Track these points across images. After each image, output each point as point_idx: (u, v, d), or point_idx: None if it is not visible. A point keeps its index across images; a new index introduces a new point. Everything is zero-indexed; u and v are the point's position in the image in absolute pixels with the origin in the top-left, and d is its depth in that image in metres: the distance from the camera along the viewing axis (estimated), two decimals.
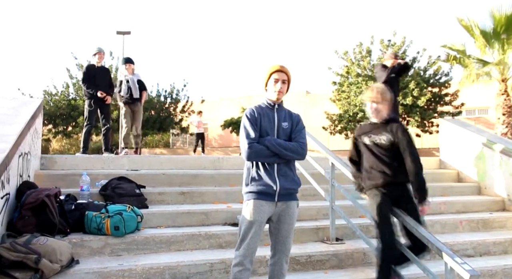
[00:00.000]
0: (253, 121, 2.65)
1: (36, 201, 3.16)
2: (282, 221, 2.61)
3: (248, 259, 2.51)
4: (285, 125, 2.70)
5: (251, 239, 2.51)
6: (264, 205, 2.56)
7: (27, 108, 4.48)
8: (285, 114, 2.76)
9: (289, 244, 2.63)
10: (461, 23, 12.74)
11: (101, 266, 2.93)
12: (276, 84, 2.68)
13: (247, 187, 2.63)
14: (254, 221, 2.52)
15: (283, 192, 2.58)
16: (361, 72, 17.11)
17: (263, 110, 2.72)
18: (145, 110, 20.43)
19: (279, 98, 2.72)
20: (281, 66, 2.71)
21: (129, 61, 7.12)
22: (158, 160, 5.36)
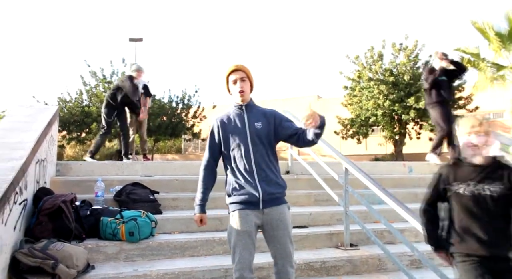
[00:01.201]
0: (213, 138, 2.63)
1: (52, 206, 3.21)
2: (275, 228, 2.48)
3: (247, 270, 2.40)
4: (258, 125, 2.54)
5: (244, 251, 2.41)
6: (249, 214, 2.46)
7: (43, 116, 4.56)
8: (257, 113, 2.60)
9: (289, 249, 2.49)
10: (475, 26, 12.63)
11: (116, 271, 2.95)
12: (235, 84, 2.57)
13: (229, 197, 2.56)
14: (242, 232, 2.43)
15: (267, 198, 2.46)
16: (372, 77, 17.00)
17: (231, 116, 2.61)
18: (157, 116, 20.61)
19: (244, 99, 2.57)
20: (236, 65, 2.60)
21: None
22: (171, 165, 5.39)
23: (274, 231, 2.49)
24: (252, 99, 2.67)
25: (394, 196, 3.22)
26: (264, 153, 2.53)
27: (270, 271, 3.23)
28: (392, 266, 3.54)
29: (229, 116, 2.62)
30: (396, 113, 16.69)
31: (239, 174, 2.51)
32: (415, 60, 16.71)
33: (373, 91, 16.54)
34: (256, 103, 2.69)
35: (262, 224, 2.51)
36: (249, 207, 2.47)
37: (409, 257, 3.63)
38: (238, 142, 2.52)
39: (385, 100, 16.17)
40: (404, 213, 3.00)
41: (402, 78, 16.31)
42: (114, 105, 6.56)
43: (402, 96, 16.24)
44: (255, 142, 2.52)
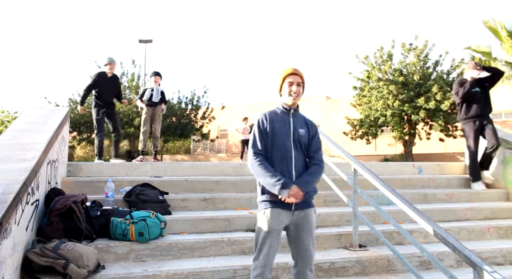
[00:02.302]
0: (263, 130, 2.60)
1: (64, 207, 3.25)
2: (301, 229, 2.55)
3: (269, 269, 2.46)
4: (302, 132, 2.63)
5: (270, 249, 2.45)
6: (281, 213, 2.51)
7: (55, 117, 4.63)
8: (301, 120, 2.70)
9: (311, 252, 2.55)
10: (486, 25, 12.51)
11: (126, 271, 2.97)
12: (291, 87, 2.63)
13: (263, 195, 2.58)
14: (272, 230, 2.47)
15: (301, 201, 2.50)
16: (382, 77, 16.90)
17: (278, 115, 2.66)
18: (166, 117, 20.73)
19: (295, 102, 2.66)
20: (294, 69, 2.67)
21: (157, 74, 7.69)
22: (181, 166, 5.42)
23: (299, 231, 2.55)
24: (299, 106, 2.74)
25: (403, 197, 3.20)
26: (302, 158, 2.62)
27: (278, 271, 3.23)
28: (401, 267, 3.51)
29: (277, 115, 2.67)
30: (405, 114, 16.57)
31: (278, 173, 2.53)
32: (425, 60, 16.58)
33: (383, 92, 16.44)
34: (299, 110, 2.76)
35: (289, 224, 2.56)
36: (281, 207, 2.51)
37: (418, 258, 3.61)
38: (281, 143, 2.57)
39: (395, 101, 16.06)
40: (413, 213, 2.98)
41: (412, 78, 16.19)
42: (100, 104, 6.88)
43: (412, 97, 16.12)
44: (297, 147, 2.60)
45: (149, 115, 7.41)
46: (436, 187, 5.60)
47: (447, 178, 5.81)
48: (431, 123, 16.78)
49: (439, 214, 4.61)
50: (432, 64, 16.72)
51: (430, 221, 2.89)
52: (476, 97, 5.46)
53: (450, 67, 16.71)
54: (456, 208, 4.78)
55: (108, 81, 6.99)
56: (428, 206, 4.81)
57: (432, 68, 16.76)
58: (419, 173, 6.08)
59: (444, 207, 4.83)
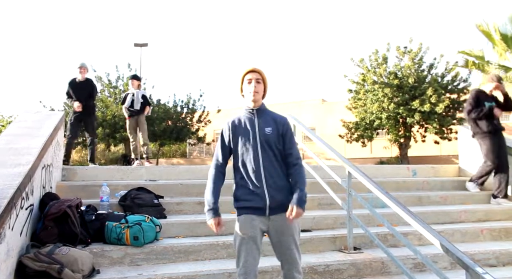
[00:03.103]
0: (225, 139, 2.60)
1: (58, 211, 3.25)
2: (280, 233, 2.48)
3: (251, 274, 2.40)
4: (268, 131, 2.53)
5: (248, 256, 2.41)
6: (255, 219, 2.46)
7: (50, 121, 4.63)
8: (268, 118, 2.60)
9: (295, 255, 2.48)
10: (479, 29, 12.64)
11: (121, 275, 2.98)
12: (249, 84, 2.56)
13: (235, 202, 2.56)
14: (246, 237, 2.43)
15: (274, 205, 2.46)
16: (377, 80, 16.98)
17: (241, 119, 2.61)
18: (162, 121, 20.70)
19: (255, 100, 2.56)
20: (253, 68, 2.61)
21: (134, 77, 7.76)
22: (176, 170, 5.43)
23: (279, 236, 2.49)
24: (264, 104, 2.68)
25: (397, 199, 3.22)
26: (273, 159, 2.53)
27: (273, 274, 3.24)
28: (396, 269, 3.53)
29: (240, 120, 2.62)
30: (401, 116, 16.64)
31: (248, 179, 2.51)
32: (419, 63, 16.68)
33: (378, 94, 16.51)
34: (267, 108, 2.69)
35: (268, 229, 2.52)
36: (255, 213, 2.47)
37: (412, 260, 3.63)
38: (247, 146, 2.52)
39: (390, 103, 16.14)
40: (407, 216, 3.00)
41: (407, 81, 16.28)
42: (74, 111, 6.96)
43: (407, 99, 16.20)
44: (264, 148, 2.52)
45: (132, 125, 7.55)
46: (430, 190, 5.63)
47: (441, 180, 5.85)
48: (426, 126, 16.85)
49: (433, 217, 4.64)
50: (427, 67, 16.82)
51: (424, 223, 2.92)
52: (492, 112, 5.29)
53: (445, 70, 16.82)
54: (450, 210, 4.82)
55: (79, 86, 6.98)
56: (422, 209, 4.84)
57: (427, 71, 16.86)
58: (413, 176, 6.11)
59: (439, 209, 4.86)
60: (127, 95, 7.64)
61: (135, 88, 7.62)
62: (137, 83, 7.73)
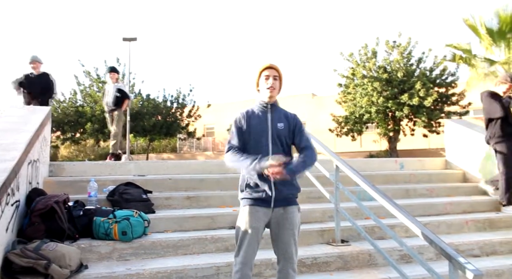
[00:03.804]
0: (239, 127, 2.61)
1: (45, 207, 3.23)
2: (281, 227, 2.53)
3: (248, 265, 2.44)
4: (280, 126, 2.60)
5: (248, 246, 2.46)
6: (259, 210, 2.51)
7: (36, 116, 4.57)
8: (280, 114, 2.66)
9: (292, 250, 2.52)
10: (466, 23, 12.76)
11: (109, 270, 2.97)
12: (267, 80, 2.61)
13: (242, 193, 2.59)
14: (250, 227, 2.47)
15: (279, 198, 2.51)
16: (366, 74, 17.10)
17: (255, 112, 2.65)
18: (152, 116, 20.59)
19: (272, 96, 2.62)
20: (270, 63, 2.65)
21: (113, 70, 7.49)
22: (165, 165, 5.42)
23: (280, 229, 2.54)
24: (277, 100, 2.72)
25: (383, 192, 3.26)
26: (282, 153, 2.57)
27: (262, 268, 3.27)
28: (383, 261, 3.59)
29: (254, 112, 2.66)
30: (390, 110, 16.78)
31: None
32: (408, 57, 16.82)
33: (367, 89, 16.63)
34: (279, 105, 2.72)
35: (270, 222, 2.56)
36: (260, 204, 2.51)
37: (399, 252, 3.69)
38: (258, 139, 2.56)
39: (379, 97, 16.27)
40: (393, 209, 3.04)
41: (396, 75, 16.41)
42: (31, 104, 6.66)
43: (396, 93, 16.34)
44: (275, 142, 2.57)
45: (111, 121, 7.53)
46: (417, 182, 5.71)
47: (428, 173, 5.92)
48: (414, 119, 17.03)
49: (420, 209, 4.71)
50: (416, 61, 16.96)
51: (409, 215, 2.96)
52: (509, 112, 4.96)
53: (433, 64, 16.98)
54: (436, 203, 4.89)
55: (33, 81, 6.71)
56: (409, 201, 4.91)
57: (416, 65, 17.00)
58: (401, 169, 6.19)
59: (425, 201, 4.93)
60: (104, 91, 7.54)
61: (113, 82, 7.41)
62: (116, 76, 7.52)
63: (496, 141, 4.96)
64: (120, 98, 7.36)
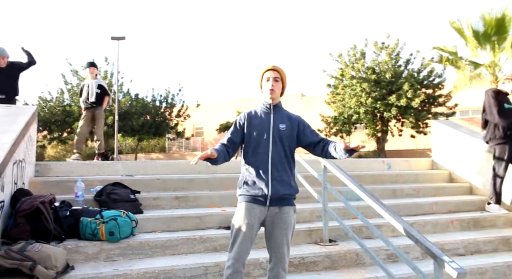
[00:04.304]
0: (238, 126, 2.69)
1: (30, 208, 3.19)
2: (275, 226, 2.55)
3: (240, 262, 2.48)
4: (282, 127, 2.65)
5: (242, 242, 2.49)
6: (255, 208, 2.54)
7: (22, 116, 4.51)
8: (283, 116, 2.71)
9: (284, 250, 2.54)
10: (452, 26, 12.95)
11: (96, 271, 2.95)
12: (268, 82, 2.67)
13: (239, 189, 2.64)
14: (244, 224, 2.51)
15: (275, 197, 2.54)
16: (355, 75, 17.23)
17: (258, 112, 2.71)
18: (140, 115, 20.44)
19: (273, 98, 2.67)
20: (273, 65, 2.71)
21: (92, 65, 7.04)
22: (153, 165, 5.39)
23: (273, 228, 2.56)
24: (281, 102, 2.77)
25: (371, 192, 3.30)
26: (282, 154, 2.62)
27: (250, 268, 3.27)
28: (370, 260, 3.62)
29: (256, 112, 2.72)
30: (378, 111, 16.93)
31: (254, 169, 2.59)
32: (396, 59, 16.99)
33: (356, 89, 16.75)
34: (283, 107, 2.78)
35: (265, 220, 2.58)
36: (256, 202, 2.55)
37: (385, 251, 3.73)
38: (260, 139, 2.61)
39: (368, 98, 16.40)
40: (379, 208, 3.08)
41: (384, 76, 16.57)
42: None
43: (384, 94, 16.49)
44: (276, 142, 2.61)
45: (87, 118, 6.93)
46: (404, 182, 5.78)
47: (415, 173, 6.00)
48: (402, 120, 17.21)
49: (406, 209, 4.77)
50: (404, 62, 17.15)
51: (395, 215, 3.00)
52: (510, 115, 4.81)
53: (421, 65, 17.19)
54: (422, 202, 4.96)
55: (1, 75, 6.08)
56: (396, 201, 4.97)
57: (404, 66, 17.19)
58: (388, 169, 6.25)
59: (412, 201, 4.99)
60: (83, 87, 7.02)
61: (92, 78, 6.95)
62: (96, 71, 7.11)
63: (497, 142, 4.90)
64: (101, 95, 6.93)
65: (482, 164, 5.45)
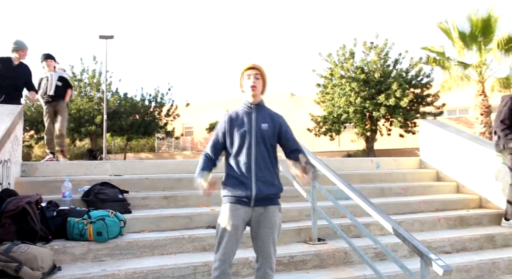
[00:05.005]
0: (219, 134, 2.66)
1: (16, 208, 3.14)
2: (261, 226, 2.55)
3: (227, 263, 2.47)
4: (264, 127, 2.61)
5: (227, 243, 2.48)
6: (239, 208, 2.53)
7: (7, 116, 4.44)
8: (265, 115, 2.67)
9: (270, 250, 2.54)
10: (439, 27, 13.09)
11: (84, 272, 2.92)
12: (249, 80, 2.63)
13: (223, 190, 2.62)
14: (229, 225, 2.50)
15: (259, 197, 2.53)
16: (344, 74, 17.35)
17: (239, 113, 2.67)
18: (129, 115, 20.30)
19: (255, 95, 2.63)
20: (253, 64, 2.66)
21: (49, 57, 6.59)
22: (142, 164, 5.35)
23: (259, 228, 2.55)
24: (263, 100, 2.73)
25: (359, 191, 3.32)
26: (265, 154, 2.60)
27: (239, 267, 3.28)
28: (358, 259, 3.65)
29: (237, 113, 2.68)
30: (367, 110, 17.07)
31: (238, 170, 2.56)
32: (385, 59, 17.16)
33: (345, 89, 16.87)
34: (265, 105, 2.75)
35: (250, 220, 2.57)
36: (240, 203, 2.53)
37: (374, 249, 3.76)
38: (242, 140, 2.58)
39: (357, 98, 16.53)
40: (367, 207, 3.10)
41: (373, 75, 16.71)
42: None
43: (373, 94, 16.63)
44: (259, 142, 2.59)
45: (49, 113, 6.47)
46: (392, 181, 5.82)
47: (403, 172, 6.05)
48: (391, 119, 17.38)
49: (394, 207, 4.80)
50: (392, 62, 17.33)
51: (383, 214, 3.03)
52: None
53: (409, 65, 17.37)
54: (410, 201, 5.00)
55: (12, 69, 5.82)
56: (384, 200, 5.01)
57: (392, 66, 17.37)
58: (377, 168, 6.30)
59: (400, 200, 5.04)
60: (41, 80, 6.50)
61: (50, 70, 6.46)
62: (54, 64, 6.54)
63: (510, 152, 4.51)
64: (62, 88, 6.47)
65: (468, 163, 5.52)
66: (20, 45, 5.91)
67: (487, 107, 13.15)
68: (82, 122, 19.59)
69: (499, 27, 12.32)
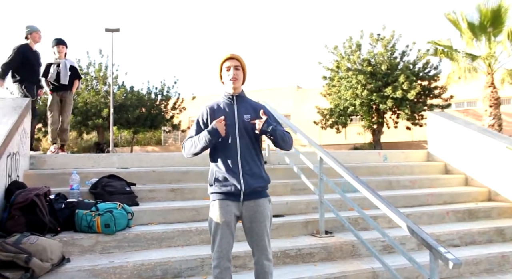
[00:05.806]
0: (201, 123, 2.60)
1: (25, 200, 3.17)
2: (253, 220, 2.52)
3: (225, 258, 2.45)
4: (247, 118, 2.56)
5: (222, 240, 2.45)
6: (230, 204, 2.50)
7: (15, 109, 4.45)
8: (247, 105, 2.62)
9: (265, 242, 2.52)
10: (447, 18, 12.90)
11: (92, 263, 2.95)
12: (228, 71, 2.57)
13: (211, 187, 2.58)
14: (220, 222, 2.47)
15: (248, 191, 2.49)
16: (351, 67, 17.19)
17: (220, 105, 2.61)
18: (136, 108, 20.34)
19: (235, 87, 2.58)
20: (231, 54, 2.60)
21: (61, 42, 6.26)
22: (148, 157, 5.36)
23: (252, 222, 2.53)
24: (244, 91, 2.68)
25: (367, 184, 3.30)
26: (250, 146, 2.56)
27: (246, 259, 3.28)
28: (366, 251, 3.64)
29: (219, 105, 2.62)
30: (374, 103, 16.93)
31: (224, 164, 2.52)
32: (392, 51, 16.96)
33: (352, 81, 16.73)
34: (245, 95, 2.69)
35: (241, 215, 2.55)
36: (229, 198, 2.50)
37: (381, 242, 3.74)
38: (226, 132, 2.51)
39: (363, 90, 16.39)
40: (375, 200, 3.08)
41: (380, 68, 16.54)
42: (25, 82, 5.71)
43: (380, 86, 16.48)
44: (242, 134, 2.54)
45: (56, 102, 6.20)
46: (400, 174, 5.79)
47: (411, 165, 6.01)
48: (398, 112, 17.22)
49: (402, 200, 4.78)
50: (399, 54, 17.12)
51: (391, 206, 3.00)
52: None
53: (416, 57, 17.17)
54: (418, 194, 4.97)
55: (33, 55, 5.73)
56: (392, 193, 4.98)
57: (399, 58, 17.17)
58: (384, 161, 6.26)
59: (408, 193, 5.01)
60: (50, 65, 6.14)
61: (61, 57, 6.18)
62: (65, 50, 6.25)
63: None
64: (72, 78, 6.21)
65: (477, 156, 5.47)
66: (33, 27, 5.85)
67: (496, 99, 12.99)
68: (89, 115, 19.67)
69: (509, 17, 12.11)
